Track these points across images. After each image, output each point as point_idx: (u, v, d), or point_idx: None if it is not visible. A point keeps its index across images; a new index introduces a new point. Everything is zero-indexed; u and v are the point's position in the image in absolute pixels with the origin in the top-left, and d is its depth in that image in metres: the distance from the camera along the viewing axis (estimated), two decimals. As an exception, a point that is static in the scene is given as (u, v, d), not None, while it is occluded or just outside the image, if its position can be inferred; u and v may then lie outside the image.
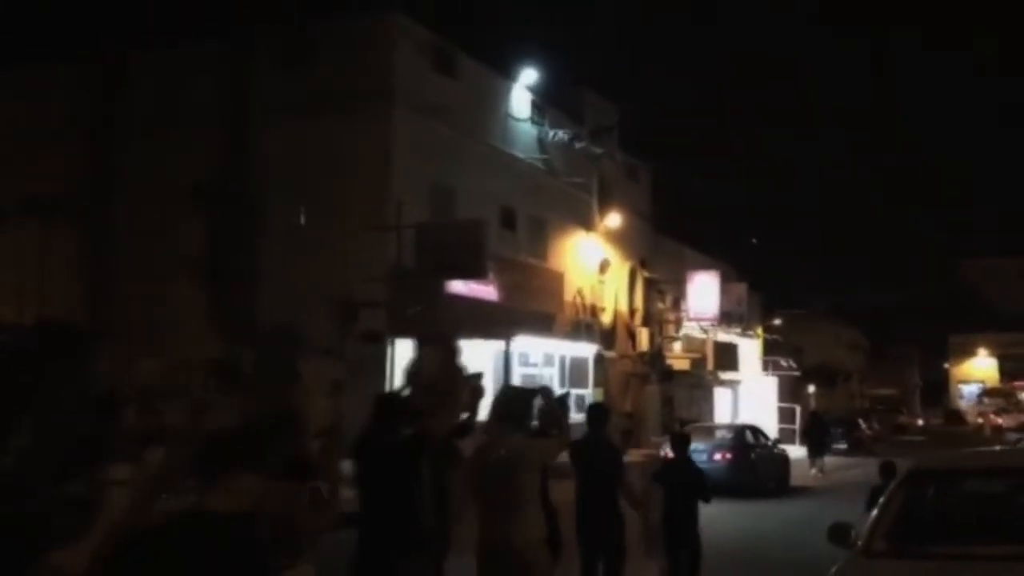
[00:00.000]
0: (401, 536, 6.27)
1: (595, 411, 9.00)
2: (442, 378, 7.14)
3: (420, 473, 6.51)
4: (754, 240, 55.87)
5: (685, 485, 9.14)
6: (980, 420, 61.32)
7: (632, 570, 8.51)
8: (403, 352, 20.89)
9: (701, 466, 10.42)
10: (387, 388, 20.07)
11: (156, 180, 22.53)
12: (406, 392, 7.48)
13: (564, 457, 7.61)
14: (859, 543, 6.11)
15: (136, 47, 23.94)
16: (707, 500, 9.28)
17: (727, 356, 41.47)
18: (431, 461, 6.70)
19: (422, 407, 6.76)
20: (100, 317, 21.76)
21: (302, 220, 20.72)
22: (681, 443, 9.73)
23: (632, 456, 21.20)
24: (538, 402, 7.25)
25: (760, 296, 49.46)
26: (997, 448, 19.96)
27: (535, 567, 6.42)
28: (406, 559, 6.28)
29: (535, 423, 7.19)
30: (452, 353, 7.35)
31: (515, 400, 7.08)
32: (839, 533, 6.27)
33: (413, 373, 7.70)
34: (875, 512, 6.41)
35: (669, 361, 35.36)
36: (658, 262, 36.70)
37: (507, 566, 6.39)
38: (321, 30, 22.32)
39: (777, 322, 52.53)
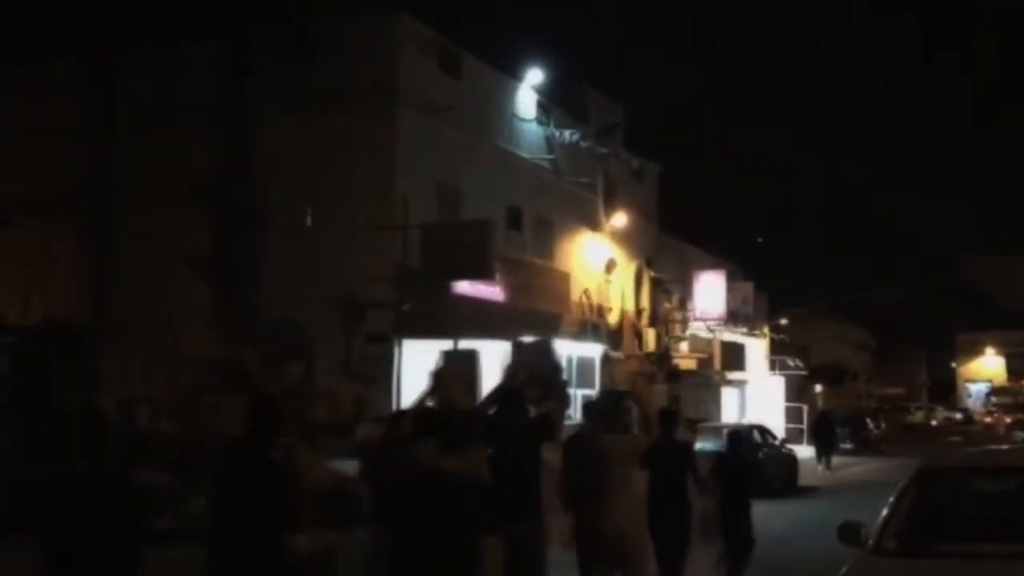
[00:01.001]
0: (526, 500, 7.31)
1: (668, 414, 9.89)
2: (544, 372, 8.62)
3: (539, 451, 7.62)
4: (760, 239, 55.81)
5: (738, 477, 10.43)
6: (988, 419, 61.13)
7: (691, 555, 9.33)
8: (409, 353, 20.94)
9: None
10: (394, 388, 20.10)
11: (158, 179, 22.51)
12: (429, 396, 8.24)
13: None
14: (870, 542, 6.08)
15: (137, 45, 23.94)
16: (752, 494, 10.71)
17: (734, 356, 41.37)
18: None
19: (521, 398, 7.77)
20: (102, 317, 21.79)
21: (308, 220, 20.71)
22: (735, 441, 11.48)
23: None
24: (626, 403, 8.70)
25: (766, 295, 49.39)
26: (1006, 447, 19.92)
27: (630, 550, 7.52)
28: (530, 518, 7.35)
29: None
30: (549, 350, 8.86)
31: (608, 401, 8.87)
32: (850, 532, 6.24)
33: (437, 375, 8.50)
34: (885, 511, 6.38)
35: (676, 361, 35.28)
36: (664, 262, 36.64)
37: (602, 550, 7.48)
38: (325, 29, 22.27)
39: (783, 322, 52.46)
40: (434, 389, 8.30)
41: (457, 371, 9.19)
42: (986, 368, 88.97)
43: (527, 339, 9.71)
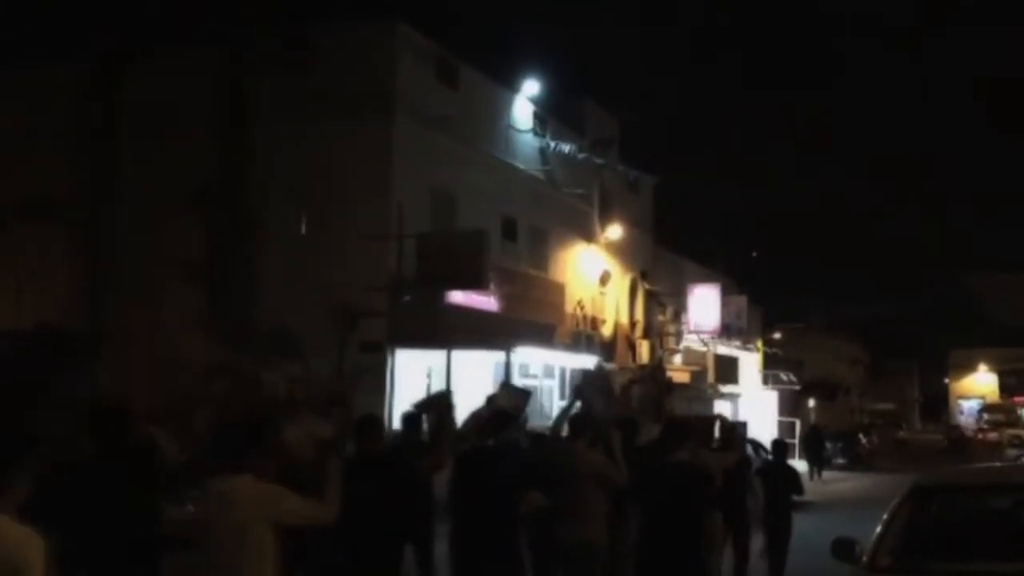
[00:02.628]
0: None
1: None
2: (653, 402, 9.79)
3: None
4: (754, 253, 55.85)
5: (782, 481, 12.15)
6: (989, 436, 61.06)
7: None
8: (402, 362, 20.91)
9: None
10: (387, 397, 20.04)
11: (154, 185, 22.47)
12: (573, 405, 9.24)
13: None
14: (864, 559, 6.05)
15: (134, 50, 23.90)
16: (800, 493, 12.79)
17: (727, 369, 41.41)
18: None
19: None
20: (98, 322, 21.71)
21: (303, 228, 20.68)
22: (779, 450, 12.91)
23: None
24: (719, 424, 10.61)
25: (760, 309, 49.43)
26: (999, 464, 19.89)
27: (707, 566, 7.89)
28: None
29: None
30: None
31: (701, 422, 10.59)
32: (843, 548, 6.22)
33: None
34: (879, 527, 6.36)
35: (669, 374, 35.29)
36: (659, 274, 36.66)
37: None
38: (323, 37, 22.29)
39: (777, 336, 52.50)
40: (579, 398, 9.48)
41: (598, 385, 10.33)
42: (979, 385, 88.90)
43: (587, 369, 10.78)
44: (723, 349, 41.68)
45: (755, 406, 41.01)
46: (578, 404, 9.34)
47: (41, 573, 3.58)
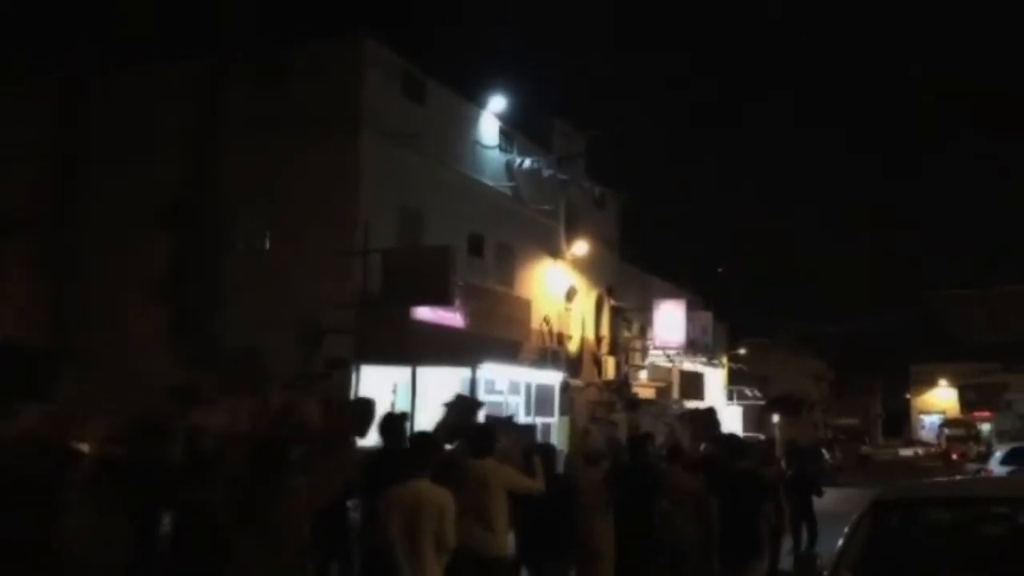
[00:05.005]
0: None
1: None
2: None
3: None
4: (720, 269, 56.14)
5: (803, 481, 15.16)
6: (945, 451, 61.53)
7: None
8: (368, 378, 20.81)
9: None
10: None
11: (121, 199, 22.32)
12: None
13: None
14: (824, 573, 6.09)
15: (103, 66, 23.76)
16: (820, 495, 15.48)
17: (692, 385, 41.52)
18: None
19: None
20: (62, 339, 21.48)
21: (267, 243, 20.57)
22: (800, 458, 16.42)
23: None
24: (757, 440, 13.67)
25: (726, 325, 49.70)
26: (959, 478, 20.07)
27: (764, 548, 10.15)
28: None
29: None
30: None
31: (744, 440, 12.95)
32: (804, 563, 6.26)
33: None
34: (840, 542, 6.40)
35: (635, 390, 35.36)
36: (625, 290, 36.77)
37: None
38: (290, 54, 22.25)
39: (742, 351, 52.78)
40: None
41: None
42: (940, 400, 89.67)
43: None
44: (688, 365, 41.82)
45: (720, 421, 41.11)
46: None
47: None
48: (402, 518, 6.70)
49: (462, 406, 9.54)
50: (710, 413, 14.52)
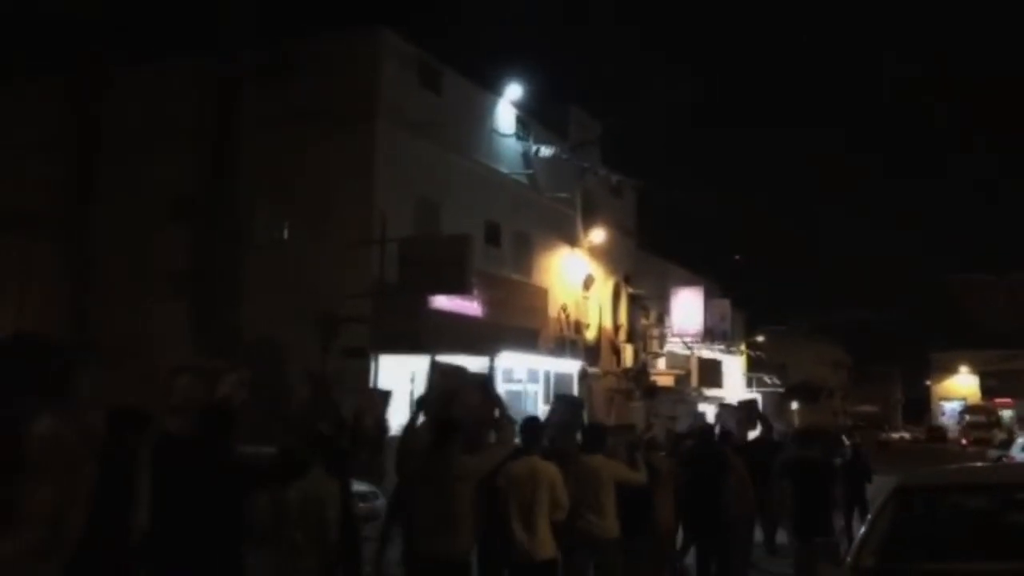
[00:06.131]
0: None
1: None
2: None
3: None
4: (737, 257, 56.03)
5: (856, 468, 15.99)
6: (964, 440, 61.32)
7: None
8: (386, 368, 20.86)
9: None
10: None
11: (139, 194, 22.42)
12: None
13: None
14: (848, 559, 6.07)
15: (120, 61, 23.84)
16: (870, 481, 16.22)
17: (711, 372, 41.45)
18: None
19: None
20: (81, 333, 21.60)
21: (285, 234, 20.62)
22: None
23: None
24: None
25: (744, 313, 49.57)
26: (981, 464, 19.97)
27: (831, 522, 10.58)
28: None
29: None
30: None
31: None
32: (828, 550, 6.24)
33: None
34: (863, 528, 6.38)
35: (653, 377, 35.32)
36: (642, 278, 36.70)
37: None
38: (306, 45, 22.26)
39: (760, 339, 52.64)
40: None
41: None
42: (960, 387, 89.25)
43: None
44: (707, 352, 41.74)
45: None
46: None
47: None
48: (519, 489, 7.65)
49: (567, 404, 10.83)
50: (753, 404, 16.15)
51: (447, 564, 7.08)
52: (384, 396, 10.83)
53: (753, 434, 14.22)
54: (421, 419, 8.69)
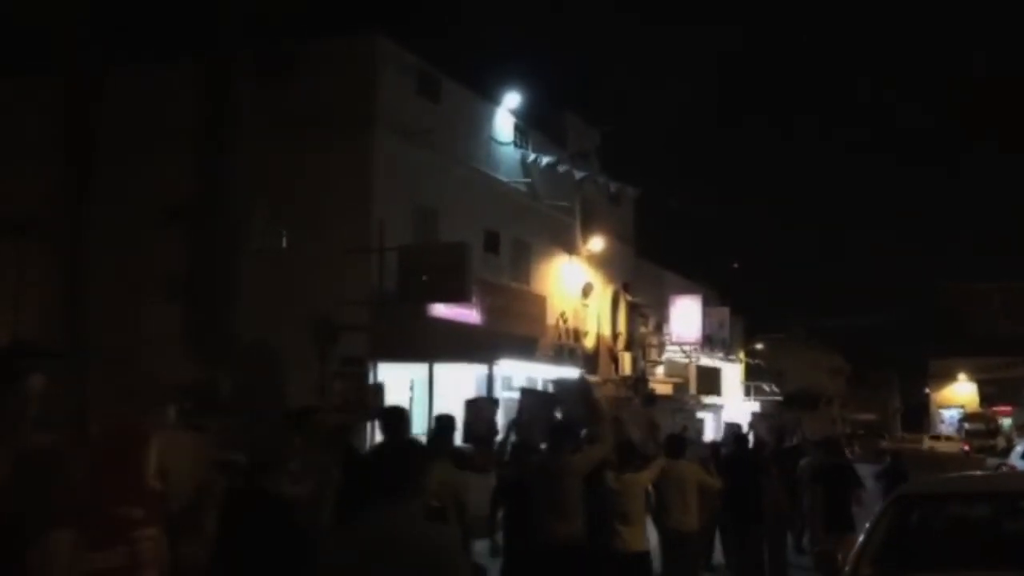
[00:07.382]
0: None
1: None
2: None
3: None
4: (735, 264, 56.05)
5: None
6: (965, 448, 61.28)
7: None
8: (385, 376, 20.82)
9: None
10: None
11: (133, 199, 22.35)
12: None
13: None
14: (846, 568, 6.04)
15: (113, 64, 23.77)
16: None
17: (709, 380, 41.44)
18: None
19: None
20: (75, 339, 21.51)
21: (284, 242, 20.58)
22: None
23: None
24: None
25: (742, 320, 49.54)
26: (980, 473, 19.95)
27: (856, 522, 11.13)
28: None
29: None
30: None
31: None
32: (825, 560, 6.21)
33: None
34: (861, 537, 6.35)
35: (652, 385, 35.28)
36: (641, 286, 36.68)
37: None
38: (303, 51, 22.24)
39: (759, 347, 52.64)
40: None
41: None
42: (959, 394, 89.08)
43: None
44: (705, 360, 41.72)
45: (737, 417, 41.07)
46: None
47: None
48: (674, 486, 10.05)
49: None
50: (790, 418, 18.21)
51: (563, 548, 8.34)
52: (493, 403, 12.77)
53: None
54: (512, 438, 9.99)
